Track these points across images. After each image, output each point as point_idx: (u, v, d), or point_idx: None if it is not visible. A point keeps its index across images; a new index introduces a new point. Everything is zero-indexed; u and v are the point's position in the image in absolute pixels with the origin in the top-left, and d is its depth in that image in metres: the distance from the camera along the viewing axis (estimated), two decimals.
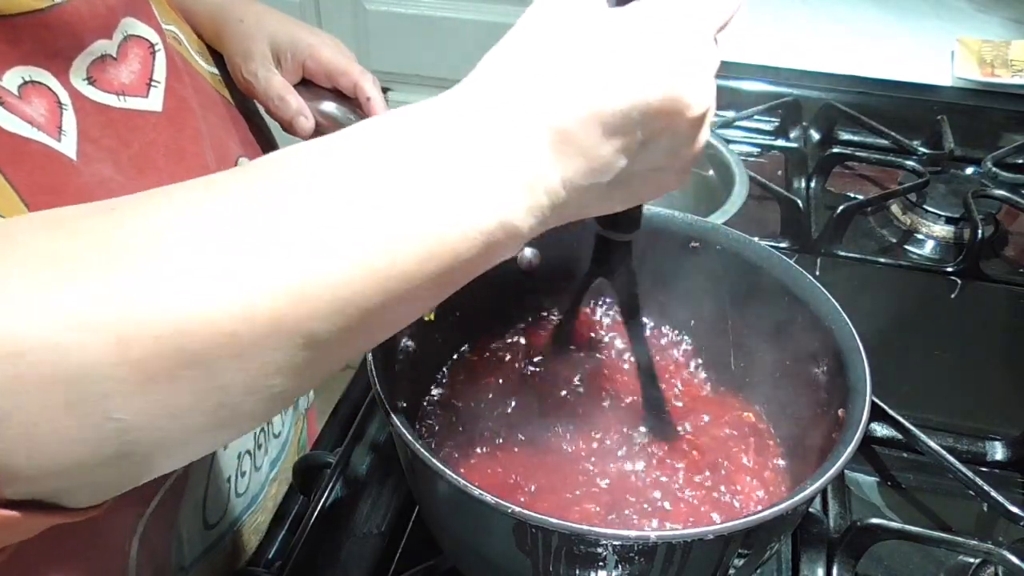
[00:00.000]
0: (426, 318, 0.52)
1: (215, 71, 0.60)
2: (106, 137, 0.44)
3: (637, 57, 0.31)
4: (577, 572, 0.39)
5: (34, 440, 0.25)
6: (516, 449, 0.51)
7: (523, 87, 0.31)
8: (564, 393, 0.54)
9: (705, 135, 0.35)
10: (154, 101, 0.47)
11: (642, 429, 0.52)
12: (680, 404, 0.55)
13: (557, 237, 0.51)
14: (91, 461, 0.26)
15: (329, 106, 0.63)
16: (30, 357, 0.24)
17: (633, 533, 0.37)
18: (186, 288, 0.25)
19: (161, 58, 0.48)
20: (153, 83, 0.47)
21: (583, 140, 0.31)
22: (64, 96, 0.42)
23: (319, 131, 0.64)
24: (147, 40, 0.47)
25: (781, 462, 0.51)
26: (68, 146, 0.41)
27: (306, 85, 0.63)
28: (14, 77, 0.39)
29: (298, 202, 0.28)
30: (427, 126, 0.31)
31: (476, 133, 0.30)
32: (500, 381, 0.56)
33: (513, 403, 0.53)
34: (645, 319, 0.60)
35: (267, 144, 0.64)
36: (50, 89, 0.41)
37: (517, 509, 0.36)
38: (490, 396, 0.54)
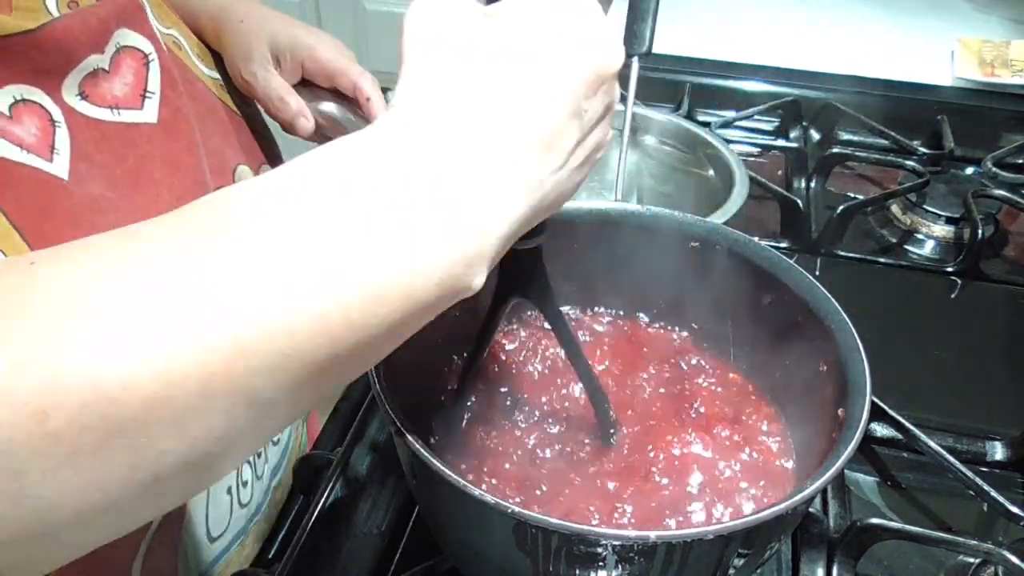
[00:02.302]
0: None
1: (215, 75, 0.60)
2: (100, 152, 0.44)
3: (551, 40, 0.32)
4: (577, 572, 0.39)
5: None
6: (516, 448, 0.51)
7: (457, 103, 0.30)
8: (565, 391, 0.54)
9: (616, 88, 0.36)
10: (149, 113, 0.47)
11: (639, 429, 0.52)
12: (677, 403, 0.54)
13: (556, 234, 0.51)
14: (11, 541, 0.24)
15: (329, 106, 0.63)
16: None
17: (633, 533, 0.37)
18: (109, 350, 0.23)
19: (155, 68, 0.48)
20: (147, 94, 0.47)
21: (544, 125, 0.31)
22: (57, 113, 0.42)
23: (319, 131, 0.64)
24: (140, 51, 0.47)
25: (781, 462, 0.51)
26: (60, 166, 0.41)
27: (306, 85, 0.63)
28: (5, 96, 0.39)
29: (230, 249, 0.25)
30: (364, 160, 0.29)
31: (421, 162, 0.29)
32: (501, 380, 0.55)
33: (514, 402, 0.53)
34: (645, 319, 0.60)
35: (269, 147, 0.64)
36: (42, 107, 0.41)
37: (517, 509, 0.36)
38: (491, 396, 0.54)
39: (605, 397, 0.50)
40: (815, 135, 1.01)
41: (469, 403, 0.54)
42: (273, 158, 0.64)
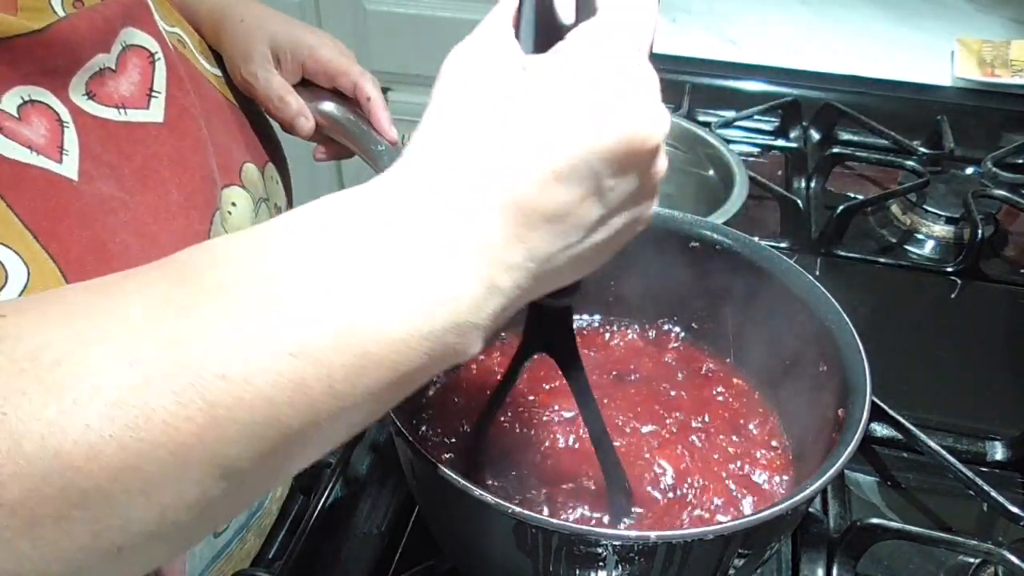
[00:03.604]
0: None
1: (219, 73, 0.60)
2: (108, 152, 0.44)
3: (581, 102, 0.28)
4: (577, 572, 0.39)
5: None
6: (517, 447, 0.51)
7: (463, 160, 0.28)
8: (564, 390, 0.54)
9: (663, 161, 0.32)
10: (155, 112, 0.47)
11: (642, 431, 0.52)
12: (677, 404, 0.54)
13: None
14: None
15: (329, 106, 0.63)
16: None
17: (633, 533, 0.37)
18: (73, 418, 0.22)
19: (161, 67, 0.48)
20: (153, 93, 0.47)
21: (546, 201, 0.28)
22: (64, 113, 0.42)
23: (319, 131, 0.64)
24: (146, 49, 0.47)
25: (780, 461, 0.51)
26: (70, 166, 0.41)
27: (306, 85, 0.63)
28: (13, 98, 0.39)
29: (207, 312, 0.24)
30: (358, 218, 0.27)
31: (414, 219, 0.27)
32: (501, 380, 0.55)
33: (515, 401, 0.53)
34: (644, 319, 0.60)
35: (273, 145, 0.64)
36: (50, 107, 0.41)
37: (517, 509, 0.36)
38: (491, 394, 0.54)
39: (621, 471, 0.46)
40: (815, 135, 1.01)
41: (473, 402, 0.54)
42: (277, 157, 0.64)
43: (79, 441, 0.22)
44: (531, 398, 0.54)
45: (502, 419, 0.52)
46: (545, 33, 0.30)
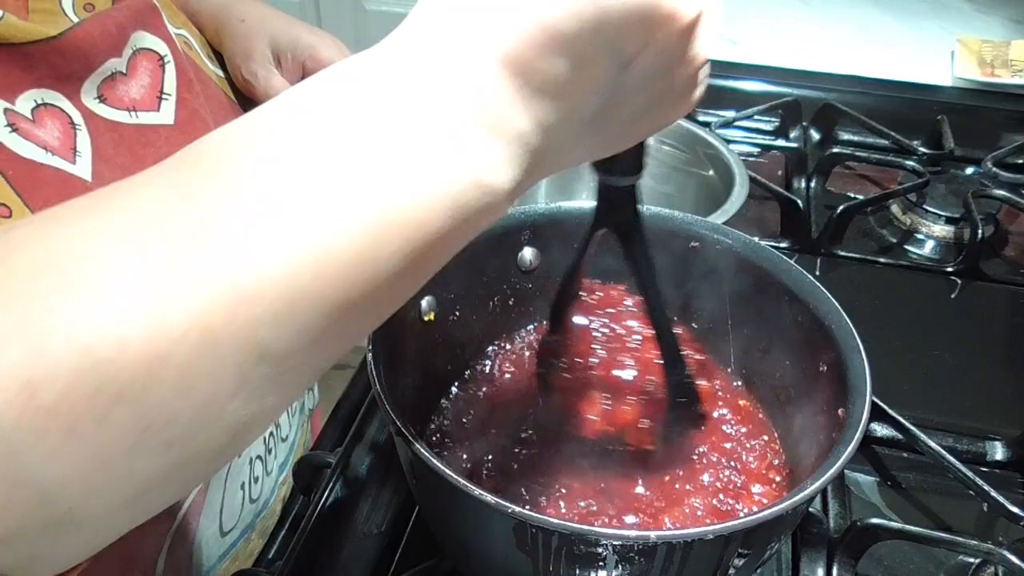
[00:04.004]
0: (425, 318, 0.52)
1: (222, 74, 0.60)
2: (120, 154, 0.44)
3: None
4: (577, 572, 0.39)
5: None
6: (517, 447, 0.51)
7: (462, 21, 0.26)
8: (567, 391, 0.54)
9: (704, 46, 0.28)
10: (165, 114, 0.48)
11: (641, 425, 0.52)
12: (677, 403, 0.54)
13: (561, 240, 0.50)
14: (22, 534, 0.22)
15: None
16: None
17: (633, 533, 0.37)
18: (96, 311, 0.21)
19: (171, 70, 0.48)
20: (164, 96, 0.48)
21: (543, 67, 0.25)
22: (77, 116, 0.42)
23: None
24: (156, 52, 0.47)
25: (780, 461, 0.51)
26: (83, 167, 0.42)
27: None
28: (27, 101, 0.40)
29: (219, 189, 0.23)
30: (364, 82, 0.26)
31: (420, 82, 0.25)
32: (501, 380, 0.55)
33: (514, 401, 0.53)
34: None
35: None
36: (63, 111, 0.42)
37: (517, 509, 0.36)
38: (491, 395, 0.54)
39: (679, 352, 0.48)
40: (815, 135, 1.01)
41: (473, 402, 0.54)
42: None
43: (106, 334, 0.21)
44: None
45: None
46: None
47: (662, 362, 0.48)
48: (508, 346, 0.58)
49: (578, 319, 0.52)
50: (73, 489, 0.22)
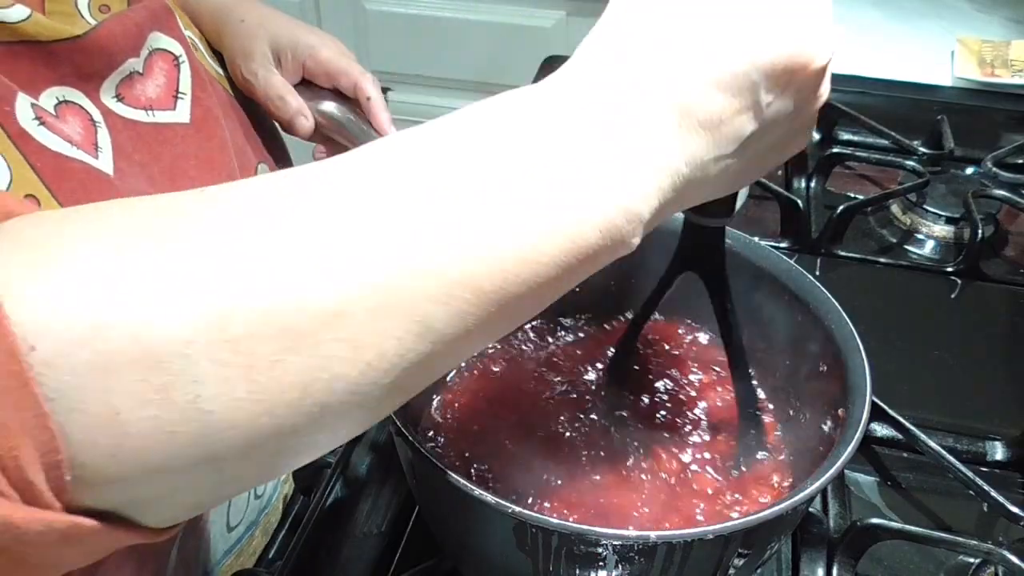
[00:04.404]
0: None
1: (223, 73, 0.61)
2: (138, 152, 0.45)
3: (750, 13, 0.29)
4: (577, 572, 0.39)
5: (118, 432, 0.22)
6: (517, 446, 0.51)
7: (635, 60, 0.29)
8: (568, 391, 0.54)
9: (827, 86, 0.33)
10: (181, 113, 0.48)
11: (641, 426, 0.52)
12: (676, 403, 0.54)
13: None
14: (177, 463, 0.23)
15: (329, 106, 0.63)
16: (113, 332, 0.21)
17: (633, 533, 0.37)
18: (291, 259, 0.24)
19: (185, 69, 0.49)
20: (179, 95, 0.48)
21: (706, 109, 0.29)
22: (97, 114, 0.43)
23: (319, 131, 0.64)
24: (171, 53, 0.48)
25: (780, 461, 0.51)
26: (105, 162, 0.42)
27: (306, 85, 0.63)
28: (50, 98, 0.40)
29: (407, 185, 0.26)
30: (542, 109, 0.29)
31: (592, 113, 0.29)
32: (502, 380, 0.55)
33: (515, 401, 0.53)
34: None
35: (277, 146, 0.65)
36: (83, 108, 0.42)
37: (517, 509, 0.36)
38: (491, 395, 0.54)
39: (755, 397, 0.49)
40: (815, 135, 1.01)
41: (472, 402, 0.54)
42: (283, 159, 0.65)
43: (295, 285, 0.23)
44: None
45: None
46: None
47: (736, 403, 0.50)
48: (509, 345, 0.59)
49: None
50: (232, 431, 0.23)
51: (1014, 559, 0.48)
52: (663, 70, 0.29)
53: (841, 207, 0.82)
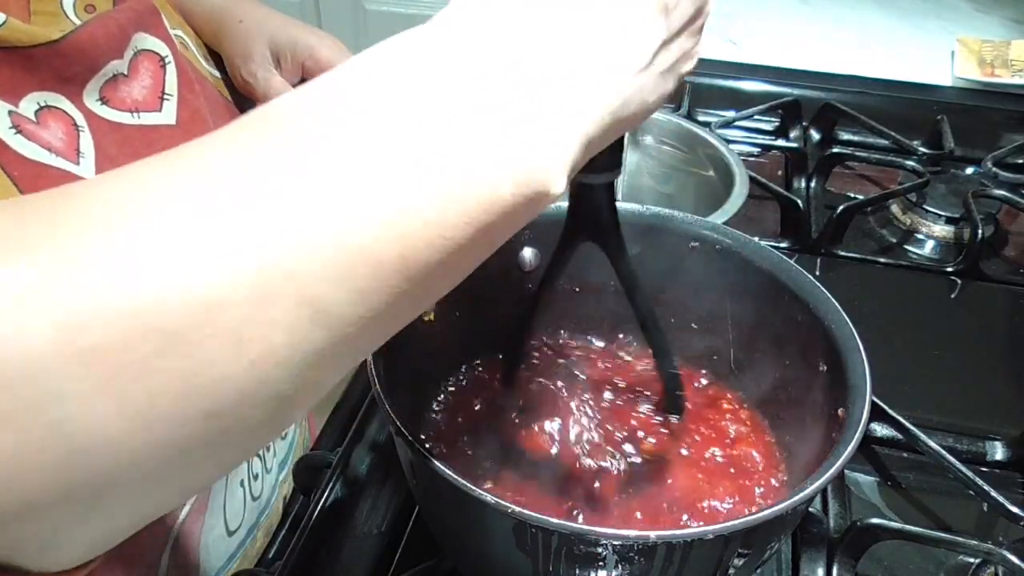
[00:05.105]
0: (426, 318, 0.52)
1: (218, 74, 0.60)
2: (123, 155, 0.44)
3: None
4: (577, 572, 0.39)
5: None
6: (517, 446, 0.51)
7: (523, 3, 0.27)
8: (565, 391, 0.54)
9: None
10: (168, 115, 0.48)
11: (640, 433, 0.52)
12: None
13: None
14: (48, 495, 0.20)
15: None
16: None
17: (633, 533, 0.37)
18: (154, 251, 0.20)
19: (172, 70, 0.48)
20: (166, 96, 0.48)
21: (619, 14, 0.28)
22: (80, 118, 0.42)
23: None
24: (157, 54, 0.48)
25: (780, 462, 0.51)
26: (87, 168, 0.42)
27: None
28: (31, 103, 0.40)
29: (290, 147, 0.23)
30: (429, 50, 0.26)
31: (489, 49, 0.26)
32: (501, 380, 0.55)
33: (514, 401, 0.53)
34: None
35: None
36: (66, 112, 0.42)
37: (517, 509, 0.36)
38: (491, 395, 0.54)
39: (670, 357, 0.46)
40: (815, 135, 1.01)
41: (472, 402, 0.54)
42: None
43: (160, 277, 0.20)
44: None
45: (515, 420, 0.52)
46: None
47: (653, 358, 0.48)
48: (510, 344, 0.58)
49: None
50: (108, 449, 0.20)
51: (1014, 559, 0.48)
52: None
53: (841, 207, 0.82)
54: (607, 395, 0.54)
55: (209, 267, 0.21)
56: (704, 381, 0.57)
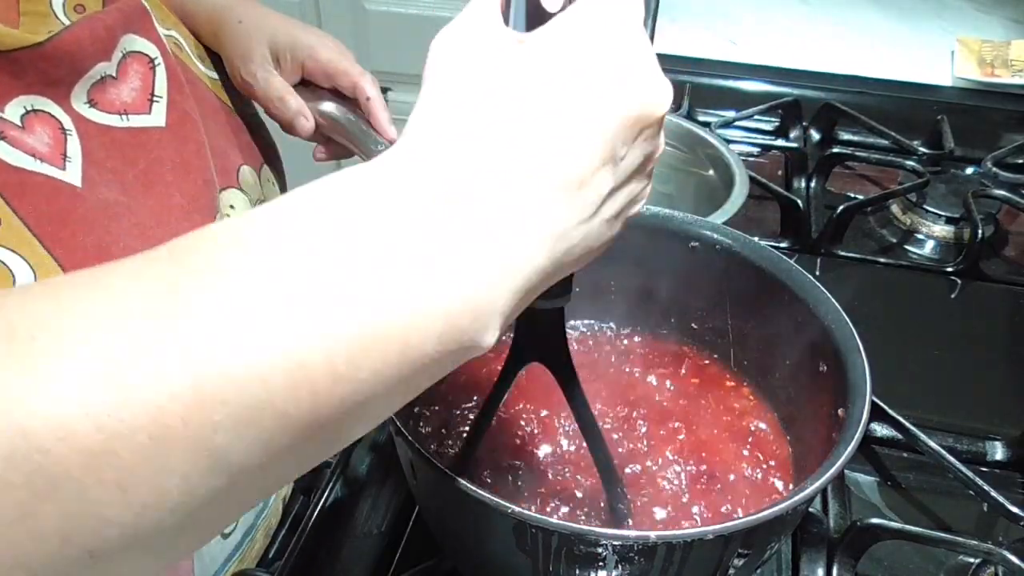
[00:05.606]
0: None
1: (215, 76, 0.60)
2: (111, 158, 0.44)
3: (593, 71, 0.28)
4: (577, 572, 0.39)
5: None
6: (517, 446, 0.51)
7: (468, 136, 0.26)
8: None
9: (662, 135, 0.32)
10: (157, 117, 0.48)
11: (643, 429, 0.52)
12: (679, 404, 0.54)
13: None
14: None
15: (329, 106, 0.63)
16: None
17: (633, 533, 0.37)
18: (44, 392, 0.19)
19: (161, 72, 0.48)
20: (155, 98, 0.48)
21: (566, 170, 0.27)
22: (67, 122, 0.42)
23: (319, 131, 0.64)
24: (146, 55, 0.47)
25: (780, 462, 0.51)
26: (73, 173, 0.41)
27: (306, 85, 0.63)
28: (17, 108, 0.40)
29: (203, 287, 0.22)
30: (358, 200, 0.25)
31: (420, 198, 0.25)
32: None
33: (515, 401, 0.53)
34: (644, 319, 0.60)
35: (268, 148, 0.64)
36: (53, 116, 0.41)
37: (517, 509, 0.36)
38: (483, 405, 0.54)
39: (618, 479, 0.45)
40: (815, 135, 1.01)
41: (472, 402, 0.54)
42: (272, 159, 0.64)
43: (50, 418, 0.19)
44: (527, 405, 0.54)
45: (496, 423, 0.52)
46: (532, 17, 0.30)
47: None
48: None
49: None
50: None
51: (1014, 559, 0.48)
52: (511, 140, 0.26)
53: (841, 207, 0.82)
54: (605, 388, 0.54)
55: (98, 414, 0.20)
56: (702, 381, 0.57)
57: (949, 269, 0.81)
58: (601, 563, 0.38)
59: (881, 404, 0.58)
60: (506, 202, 0.26)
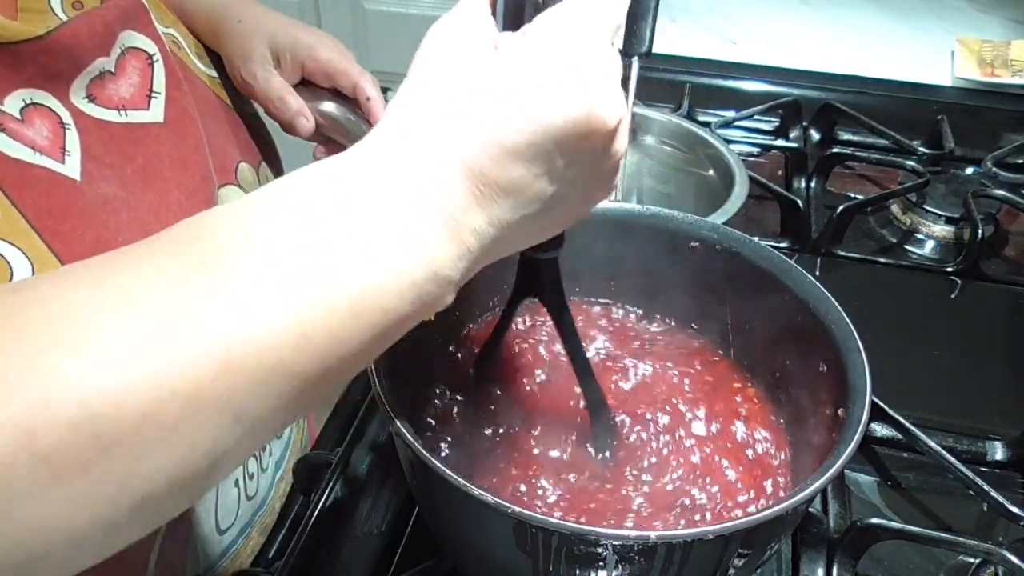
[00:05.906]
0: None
1: (213, 74, 0.60)
2: (110, 153, 0.44)
3: (538, 83, 0.30)
4: (577, 572, 0.39)
5: None
6: (517, 446, 0.51)
7: (431, 132, 0.30)
8: (564, 389, 0.54)
9: (622, 144, 0.33)
10: (155, 112, 0.48)
11: (643, 434, 0.52)
12: (679, 404, 0.54)
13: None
14: None
15: (329, 106, 0.63)
16: None
17: (633, 533, 0.37)
18: (100, 368, 0.23)
19: (160, 68, 0.48)
20: (153, 94, 0.48)
21: (501, 176, 0.30)
22: (66, 116, 0.42)
23: (319, 131, 0.64)
24: (144, 51, 0.47)
25: (780, 462, 0.51)
26: (72, 167, 0.42)
27: (306, 85, 0.63)
28: (16, 101, 0.40)
29: (215, 270, 0.26)
30: (342, 181, 0.29)
31: (392, 184, 0.29)
32: (501, 379, 0.55)
33: (514, 401, 0.53)
34: (644, 319, 0.60)
35: (267, 146, 0.64)
36: (52, 110, 0.42)
37: (517, 509, 0.36)
38: (492, 395, 0.54)
39: (606, 407, 0.49)
40: (815, 135, 1.01)
41: (472, 401, 0.54)
42: (271, 157, 0.64)
43: (104, 391, 0.23)
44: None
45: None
46: (517, 13, 0.32)
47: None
48: (508, 343, 0.58)
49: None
50: (51, 532, 0.23)
51: (1014, 559, 0.48)
52: (462, 142, 0.29)
53: (841, 207, 0.82)
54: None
55: (143, 384, 0.24)
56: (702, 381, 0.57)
57: (949, 269, 0.81)
58: (601, 563, 0.38)
59: (881, 404, 0.58)
60: (452, 198, 0.30)
